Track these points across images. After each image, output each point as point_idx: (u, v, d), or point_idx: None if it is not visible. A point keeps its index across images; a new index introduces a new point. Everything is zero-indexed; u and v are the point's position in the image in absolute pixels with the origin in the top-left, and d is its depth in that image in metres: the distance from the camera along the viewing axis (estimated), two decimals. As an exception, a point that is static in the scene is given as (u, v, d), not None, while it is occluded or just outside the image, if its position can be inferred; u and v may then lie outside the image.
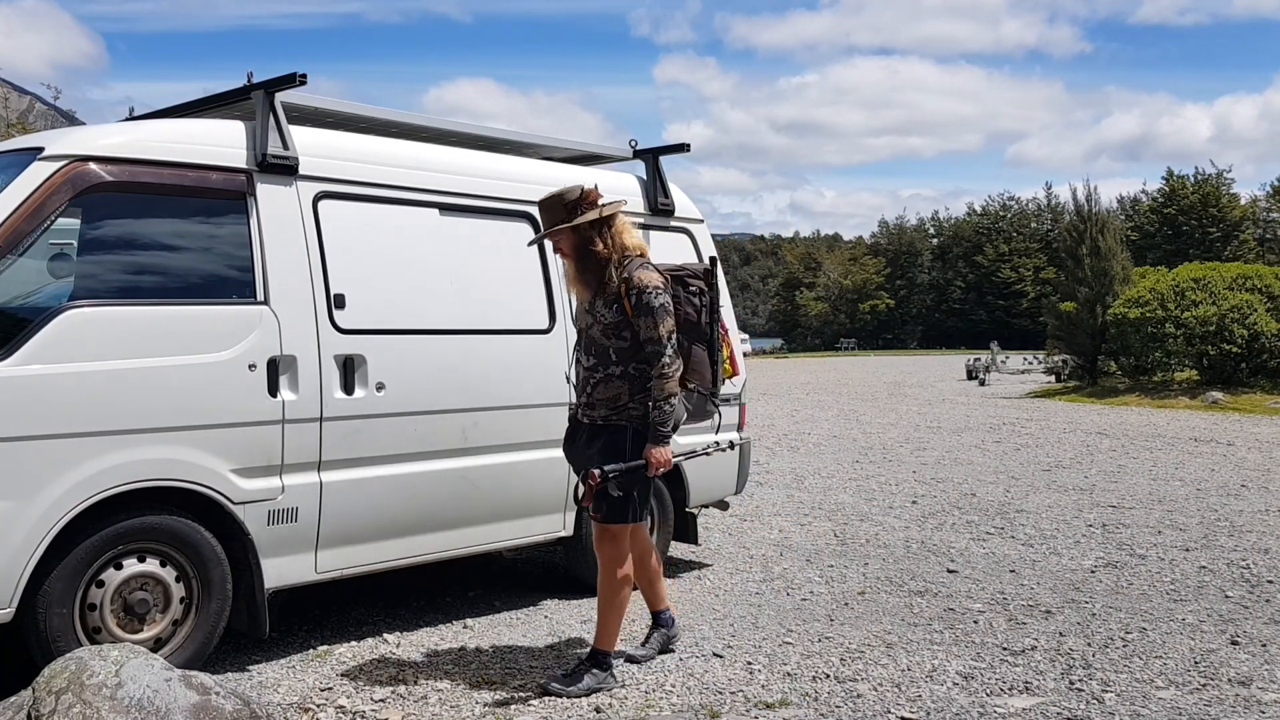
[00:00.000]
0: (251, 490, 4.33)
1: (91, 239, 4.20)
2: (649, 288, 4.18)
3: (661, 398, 4.18)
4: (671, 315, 4.22)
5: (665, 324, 4.18)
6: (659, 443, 4.20)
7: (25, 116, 33.17)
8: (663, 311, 4.18)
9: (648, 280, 4.20)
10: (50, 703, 3.23)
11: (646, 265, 4.28)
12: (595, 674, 4.28)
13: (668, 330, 4.18)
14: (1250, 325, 21.49)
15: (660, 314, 4.17)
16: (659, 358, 4.16)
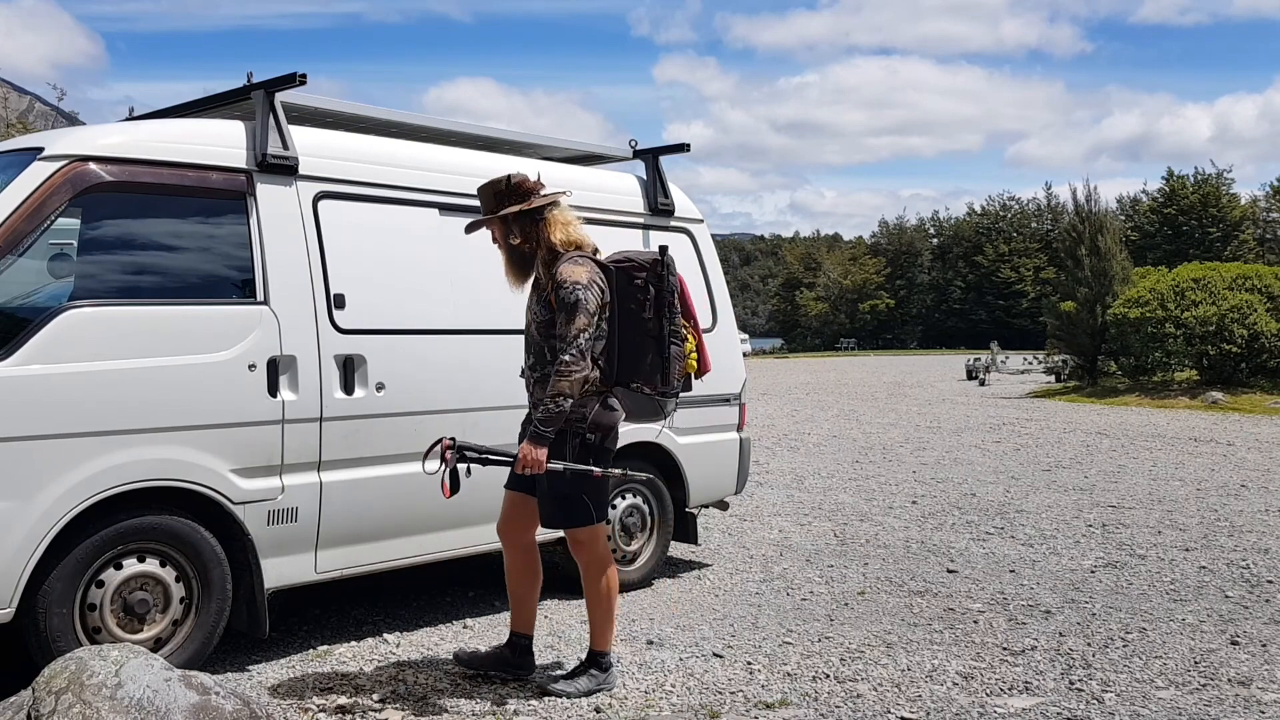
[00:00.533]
0: (251, 490, 4.33)
1: (91, 239, 4.20)
2: (566, 283, 4.00)
3: (552, 394, 3.95)
4: (588, 313, 3.98)
5: (577, 322, 3.96)
6: (534, 442, 3.96)
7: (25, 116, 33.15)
8: (576, 309, 3.96)
9: (567, 275, 4.03)
10: (50, 703, 3.23)
11: (576, 260, 4.09)
12: (594, 675, 4.27)
13: (577, 329, 3.96)
14: (1250, 325, 21.49)
15: (573, 311, 3.96)
16: (562, 354, 3.96)
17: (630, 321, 4.17)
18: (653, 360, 4.18)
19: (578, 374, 3.97)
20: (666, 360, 4.18)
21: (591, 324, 4.01)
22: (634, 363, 4.17)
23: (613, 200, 5.94)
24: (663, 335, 4.18)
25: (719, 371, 6.31)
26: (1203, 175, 69.84)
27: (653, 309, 4.18)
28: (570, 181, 5.82)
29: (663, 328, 4.18)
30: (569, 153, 6.30)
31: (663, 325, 4.18)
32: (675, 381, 4.24)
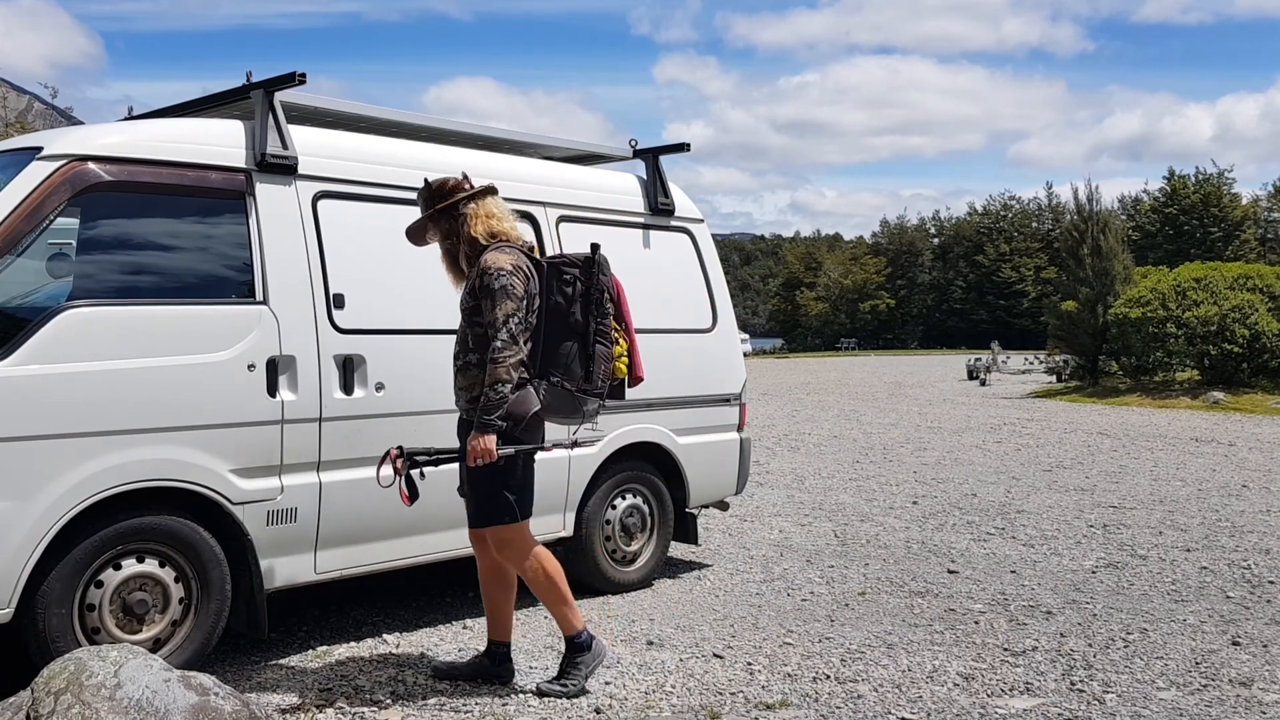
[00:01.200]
0: (250, 490, 4.32)
1: (90, 239, 4.20)
2: (491, 269, 4.00)
3: (490, 383, 3.93)
4: (515, 299, 3.96)
5: (504, 307, 3.94)
6: (482, 431, 3.95)
7: (24, 116, 33.17)
8: (502, 294, 3.95)
9: (491, 262, 4.03)
10: (49, 703, 3.22)
11: (502, 248, 4.10)
12: (579, 661, 4.24)
13: (505, 314, 3.94)
14: (1251, 325, 21.48)
15: (499, 296, 3.95)
16: (493, 341, 3.94)
17: (557, 317, 4.14)
18: (576, 357, 4.14)
19: (512, 359, 3.95)
20: (590, 358, 4.14)
21: (520, 309, 3.99)
22: (556, 357, 4.13)
23: (613, 200, 5.94)
24: (588, 333, 4.15)
25: (720, 371, 6.34)
26: (1204, 175, 69.84)
27: (580, 306, 4.15)
28: (570, 181, 5.83)
29: (588, 325, 4.15)
30: (569, 152, 6.29)
31: (589, 323, 4.15)
32: (599, 382, 4.17)
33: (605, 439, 5.67)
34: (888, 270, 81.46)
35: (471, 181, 4.30)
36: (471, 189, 4.26)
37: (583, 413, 4.23)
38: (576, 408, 4.19)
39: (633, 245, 6.02)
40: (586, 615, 5.39)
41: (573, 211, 5.69)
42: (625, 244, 5.97)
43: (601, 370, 4.17)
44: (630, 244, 6.01)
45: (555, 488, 5.46)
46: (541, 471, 5.33)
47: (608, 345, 4.19)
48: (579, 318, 4.15)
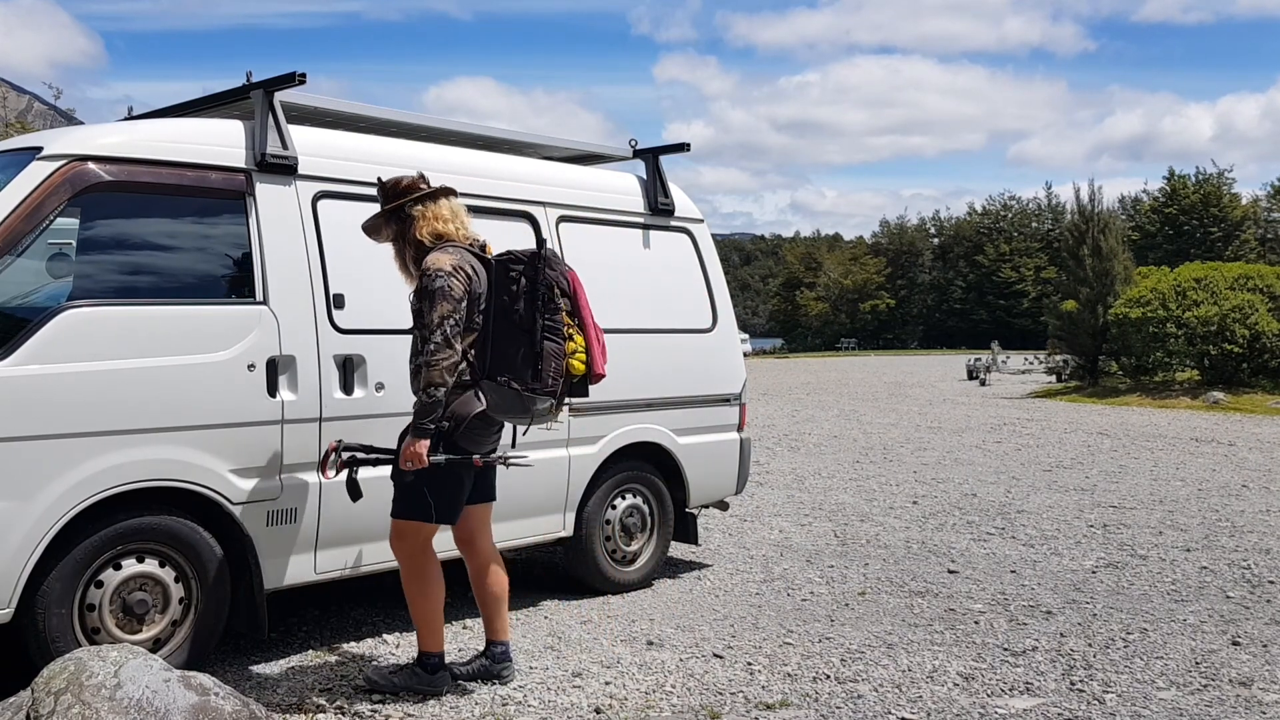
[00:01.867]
0: (250, 490, 4.32)
1: (90, 239, 4.19)
2: (429, 270, 3.98)
3: (423, 387, 3.92)
4: (451, 300, 3.93)
5: (439, 309, 3.91)
6: (415, 435, 3.94)
7: (24, 116, 33.23)
8: (439, 295, 3.92)
9: (431, 263, 4.01)
10: (49, 703, 3.22)
11: (446, 249, 4.07)
12: (417, 673, 4.21)
13: (439, 316, 3.91)
14: (1252, 325, 21.48)
15: (436, 298, 3.92)
16: (426, 344, 3.92)
17: (503, 315, 4.07)
18: (523, 355, 4.02)
19: (445, 362, 3.91)
20: (538, 356, 4.01)
21: (456, 311, 3.94)
22: (504, 357, 4.04)
23: (613, 200, 5.94)
24: (534, 330, 4.03)
25: (720, 371, 6.34)
26: (1204, 175, 69.86)
27: (524, 302, 4.05)
28: (570, 181, 5.83)
29: (535, 322, 4.04)
30: (569, 152, 6.29)
31: (535, 319, 4.04)
32: (549, 380, 4.03)
33: (605, 439, 5.67)
34: (888, 270, 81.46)
35: (428, 181, 4.27)
36: (426, 189, 4.22)
37: (532, 413, 4.09)
38: (525, 408, 4.06)
39: (633, 245, 6.02)
40: (586, 615, 5.40)
41: (573, 211, 5.69)
42: (625, 244, 5.98)
43: (551, 368, 4.03)
44: (630, 244, 6.01)
45: (555, 488, 5.46)
46: (541, 472, 5.36)
47: (558, 342, 4.06)
48: (524, 314, 4.05)
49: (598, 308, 5.57)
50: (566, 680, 4.42)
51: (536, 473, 5.34)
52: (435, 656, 4.24)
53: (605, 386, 5.49)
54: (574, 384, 4.18)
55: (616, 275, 5.80)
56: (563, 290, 4.12)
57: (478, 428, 4.12)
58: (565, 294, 4.13)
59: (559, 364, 4.06)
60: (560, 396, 4.13)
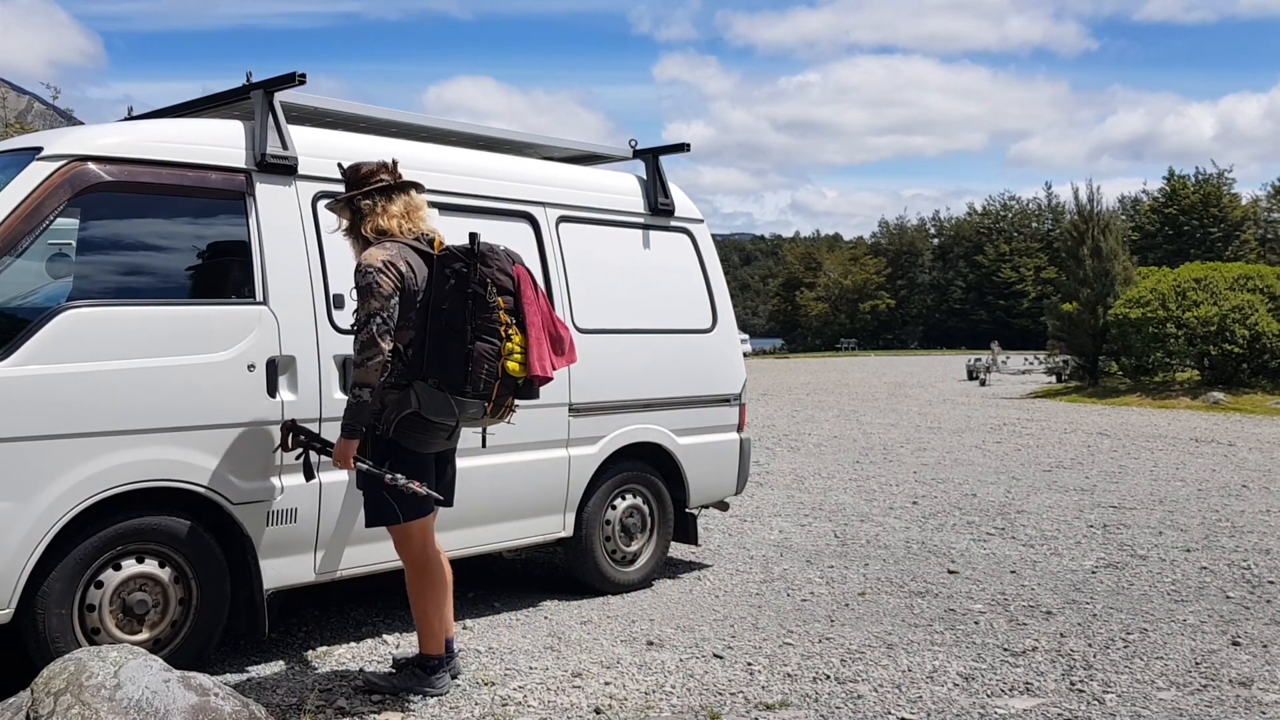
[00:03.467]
0: (250, 491, 4.32)
1: (90, 239, 4.20)
2: (360, 266, 3.86)
3: (351, 386, 3.84)
4: (380, 296, 3.78)
5: (367, 305, 3.78)
6: (344, 436, 3.88)
7: (24, 116, 33.16)
8: (366, 292, 3.78)
9: (364, 259, 3.88)
10: (49, 704, 3.22)
11: (383, 244, 3.93)
12: (417, 674, 4.21)
13: (367, 313, 3.78)
14: (1251, 325, 21.48)
15: (364, 295, 3.79)
16: (355, 342, 3.82)
17: (436, 314, 3.91)
18: (454, 356, 3.86)
19: (372, 361, 3.78)
20: (467, 357, 3.85)
21: (385, 308, 3.79)
22: (435, 357, 3.90)
23: (613, 200, 5.94)
24: (463, 329, 3.86)
25: (719, 372, 6.34)
26: (1204, 175, 69.88)
27: (453, 300, 3.89)
28: (570, 181, 5.83)
29: (464, 321, 3.86)
30: (568, 152, 6.29)
31: (464, 319, 3.86)
32: (481, 382, 3.86)
33: (605, 439, 5.67)
34: (888, 270, 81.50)
35: (393, 172, 4.13)
36: (387, 180, 4.09)
37: (459, 416, 3.95)
38: (452, 410, 3.91)
39: (633, 245, 6.02)
40: (587, 616, 5.40)
41: (572, 212, 5.69)
42: (625, 244, 5.98)
43: (484, 370, 3.86)
44: (630, 244, 6.01)
45: (555, 488, 5.46)
46: (541, 472, 5.36)
47: (492, 342, 3.88)
48: (453, 313, 3.88)
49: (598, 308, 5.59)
50: (566, 680, 4.42)
51: (536, 473, 5.35)
52: (436, 658, 4.24)
53: (606, 387, 5.53)
54: (518, 386, 3.99)
55: (616, 275, 5.80)
56: (501, 287, 3.94)
57: (417, 428, 3.99)
58: (505, 291, 3.95)
59: (492, 365, 3.88)
60: (497, 399, 3.95)
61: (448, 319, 3.90)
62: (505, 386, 3.94)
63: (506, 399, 4.00)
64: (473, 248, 3.95)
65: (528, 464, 5.29)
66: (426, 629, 4.24)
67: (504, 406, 4.01)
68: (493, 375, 3.89)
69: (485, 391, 3.89)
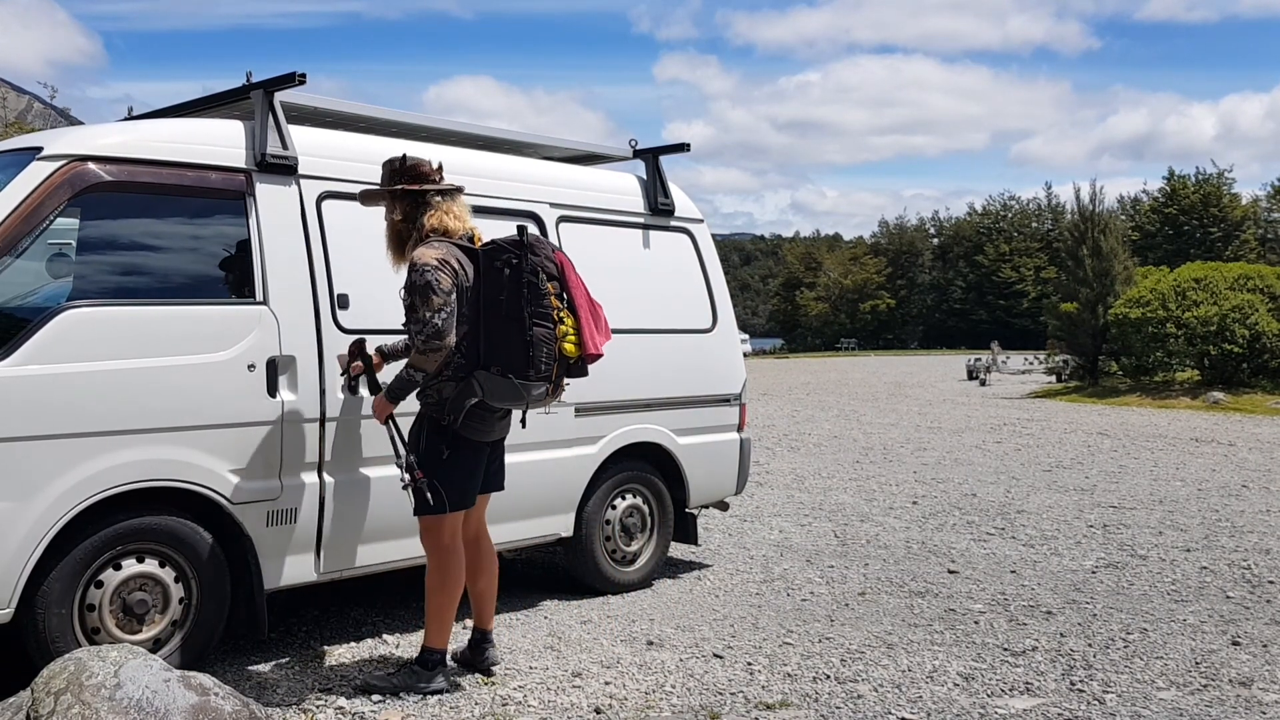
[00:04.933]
0: (250, 491, 4.32)
1: (90, 239, 4.20)
2: (417, 265, 4.01)
3: (407, 366, 4.08)
4: (442, 293, 3.96)
5: (430, 303, 3.96)
6: (387, 397, 4.19)
7: (24, 116, 33.18)
8: (428, 290, 3.96)
9: (418, 257, 4.03)
10: (49, 703, 3.22)
11: (432, 243, 4.11)
12: (416, 670, 4.26)
13: (432, 310, 3.96)
14: (1252, 325, 21.48)
15: (425, 292, 3.96)
16: (419, 336, 3.99)
17: (492, 305, 4.09)
18: (515, 343, 4.05)
19: (437, 353, 4.01)
20: (529, 343, 4.04)
21: (448, 303, 3.98)
22: (496, 346, 4.08)
23: (612, 200, 5.94)
24: (523, 316, 4.04)
25: (720, 371, 6.34)
26: (1204, 175, 69.84)
27: (510, 290, 4.07)
28: (570, 181, 5.83)
29: (522, 309, 4.05)
30: (569, 152, 6.29)
31: (522, 306, 4.05)
32: (541, 365, 4.06)
33: (605, 439, 5.67)
34: (888, 270, 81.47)
35: (443, 174, 4.33)
36: (439, 182, 4.27)
37: (527, 399, 4.13)
38: (520, 394, 4.10)
39: (633, 246, 6.02)
40: (587, 616, 5.40)
41: (573, 212, 5.69)
42: (625, 244, 5.98)
43: (544, 354, 4.06)
44: (631, 244, 6.01)
45: (557, 488, 5.46)
46: (544, 472, 5.36)
47: (548, 327, 4.08)
48: (511, 303, 4.07)
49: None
50: (566, 680, 4.42)
51: (538, 473, 5.35)
52: (438, 653, 4.28)
53: (606, 387, 5.52)
54: (570, 365, 4.20)
55: (617, 275, 5.80)
56: (549, 274, 4.13)
57: (477, 417, 4.17)
58: (553, 277, 4.14)
59: (551, 349, 4.08)
60: (556, 379, 4.17)
61: (506, 309, 4.07)
62: (561, 367, 4.16)
63: (562, 379, 4.21)
64: (521, 239, 4.12)
65: (529, 464, 5.28)
66: (435, 621, 4.28)
67: (560, 386, 4.24)
68: (552, 357, 4.10)
69: (546, 373, 4.10)
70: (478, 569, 4.48)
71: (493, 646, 4.52)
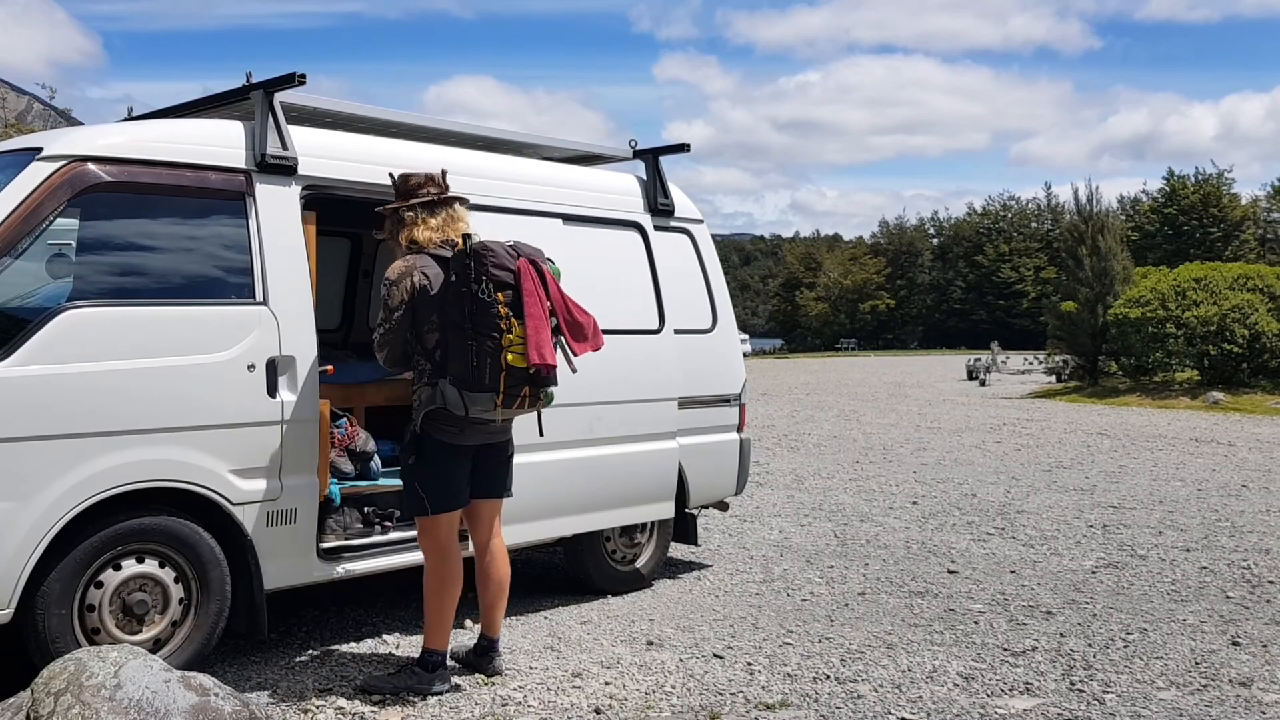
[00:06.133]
0: (250, 491, 4.32)
1: (90, 239, 4.19)
2: (384, 278, 4.19)
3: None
4: (385, 309, 4.13)
5: (379, 315, 4.19)
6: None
7: (23, 117, 33.15)
8: (381, 304, 4.17)
9: (387, 271, 4.19)
10: (49, 704, 3.22)
11: (405, 255, 4.21)
12: (416, 672, 4.27)
13: (377, 322, 4.20)
14: (1251, 325, 21.49)
15: (380, 304, 4.18)
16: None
17: (443, 313, 4.08)
18: (461, 352, 4.01)
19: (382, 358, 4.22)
20: (468, 353, 3.99)
21: (389, 320, 4.13)
22: (449, 355, 4.06)
23: (612, 201, 5.93)
24: (464, 326, 4.00)
25: (719, 372, 6.33)
26: (1203, 175, 69.83)
27: (453, 300, 4.03)
28: (570, 182, 5.82)
29: (464, 319, 4.00)
30: (568, 153, 6.29)
31: (464, 316, 4.00)
32: (485, 376, 3.98)
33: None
34: (887, 270, 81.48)
35: (440, 183, 4.32)
36: (432, 195, 4.27)
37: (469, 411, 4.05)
38: (462, 404, 4.05)
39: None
40: (586, 616, 5.40)
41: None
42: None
43: (486, 364, 3.98)
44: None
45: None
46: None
47: (492, 336, 3.99)
48: (456, 311, 4.02)
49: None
50: (566, 680, 4.42)
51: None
52: (438, 654, 4.28)
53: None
54: (531, 375, 4.04)
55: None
56: (500, 282, 4.02)
57: (448, 420, 4.14)
58: (506, 285, 4.03)
59: (494, 359, 3.99)
60: (508, 390, 4.02)
61: (454, 317, 4.04)
62: (513, 378, 4.02)
63: (521, 390, 4.06)
64: (465, 247, 4.07)
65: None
66: (434, 622, 4.28)
67: (519, 397, 4.07)
68: (496, 368, 4.00)
69: (491, 384, 4.00)
70: (487, 575, 4.46)
71: (498, 655, 4.51)
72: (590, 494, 5.46)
